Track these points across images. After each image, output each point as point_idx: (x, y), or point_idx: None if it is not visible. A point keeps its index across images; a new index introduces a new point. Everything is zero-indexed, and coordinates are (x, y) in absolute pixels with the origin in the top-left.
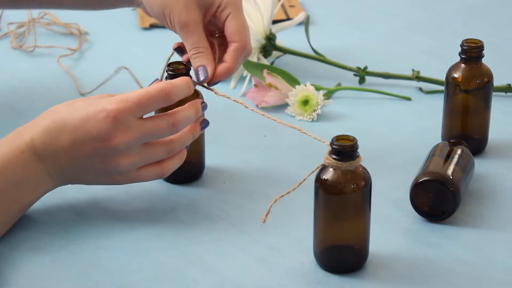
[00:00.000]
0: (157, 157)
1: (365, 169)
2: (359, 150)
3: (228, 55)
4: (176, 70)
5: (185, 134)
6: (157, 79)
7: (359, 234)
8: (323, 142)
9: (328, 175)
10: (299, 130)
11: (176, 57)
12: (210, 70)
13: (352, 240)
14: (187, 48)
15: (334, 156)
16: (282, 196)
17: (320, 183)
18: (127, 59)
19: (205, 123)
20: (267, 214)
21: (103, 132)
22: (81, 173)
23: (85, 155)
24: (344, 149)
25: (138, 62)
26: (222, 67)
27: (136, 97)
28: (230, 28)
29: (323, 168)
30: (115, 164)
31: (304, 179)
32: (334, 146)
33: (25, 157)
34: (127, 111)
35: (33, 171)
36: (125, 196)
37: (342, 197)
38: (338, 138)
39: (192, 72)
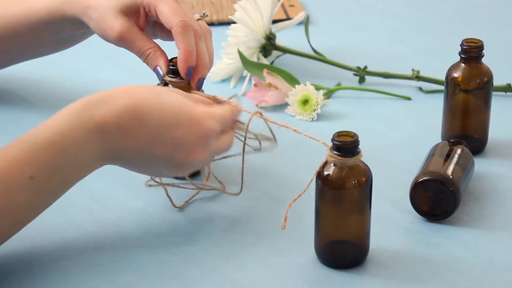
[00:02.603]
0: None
1: (366, 164)
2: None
3: (176, 42)
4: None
5: None
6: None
7: (360, 230)
8: (317, 141)
9: (330, 170)
10: (294, 130)
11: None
12: (164, 66)
13: (353, 235)
14: (137, 56)
15: (335, 152)
16: (295, 199)
17: (321, 178)
18: (128, 59)
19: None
20: (285, 220)
21: (189, 145)
22: (139, 166)
23: (157, 156)
24: (346, 145)
25: (139, 62)
26: (178, 56)
27: (228, 121)
28: (162, 18)
29: (325, 164)
30: (182, 172)
31: (311, 180)
32: (335, 142)
33: (89, 137)
34: (217, 134)
35: (93, 152)
36: (124, 196)
37: (343, 193)
38: (339, 134)
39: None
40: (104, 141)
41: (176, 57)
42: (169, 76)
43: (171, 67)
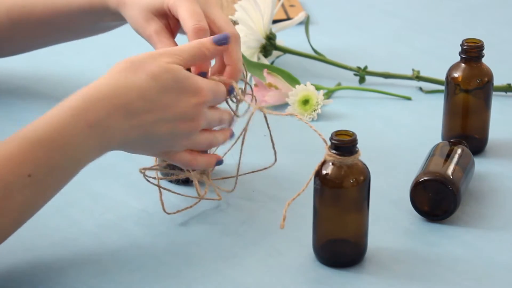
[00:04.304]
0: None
1: (364, 164)
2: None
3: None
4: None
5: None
6: None
7: (358, 228)
8: (319, 134)
9: (328, 169)
10: (298, 118)
11: None
12: None
13: (351, 234)
14: None
15: (333, 151)
16: (293, 199)
17: (320, 178)
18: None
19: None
20: (284, 219)
21: (190, 114)
22: (144, 139)
23: (160, 133)
24: (344, 144)
25: None
26: None
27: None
28: (181, 21)
29: (323, 163)
30: (187, 143)
31: (310, 179)
32: (333, 141)
33: (92, 134)
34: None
35: (93, 145)
36: (124, 196)
37: (341, 191)
38: (338, 133)
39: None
40: (107, 137)
41: None
42: None
43: None
